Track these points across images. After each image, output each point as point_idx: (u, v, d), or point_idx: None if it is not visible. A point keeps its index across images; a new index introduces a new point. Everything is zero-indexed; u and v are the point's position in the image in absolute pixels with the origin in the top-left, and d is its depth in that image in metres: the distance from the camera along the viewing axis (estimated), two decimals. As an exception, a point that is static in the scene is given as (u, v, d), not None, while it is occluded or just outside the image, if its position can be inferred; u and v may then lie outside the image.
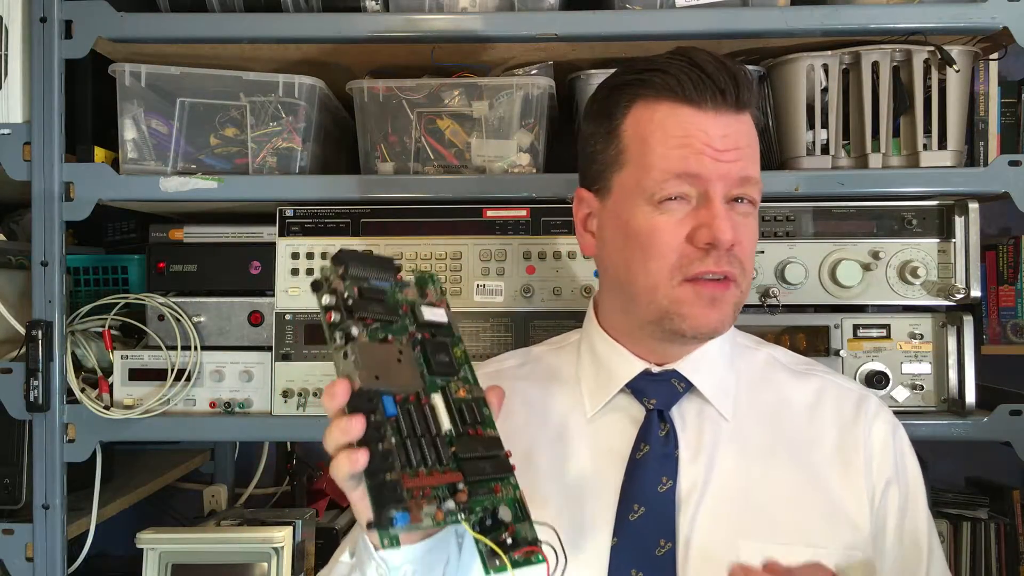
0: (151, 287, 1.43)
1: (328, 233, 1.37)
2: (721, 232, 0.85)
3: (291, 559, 1.47)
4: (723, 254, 0.87)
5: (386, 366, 0.72)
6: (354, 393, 0.69)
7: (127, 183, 1.34)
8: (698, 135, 0.87)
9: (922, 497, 0.97)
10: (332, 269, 0.74)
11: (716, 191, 0.87)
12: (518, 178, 1.34)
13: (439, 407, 0.75)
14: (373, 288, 0.75)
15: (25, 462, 1.35)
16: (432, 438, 0.72)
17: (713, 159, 0.87)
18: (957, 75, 1.31)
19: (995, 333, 1.63)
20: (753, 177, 0.90)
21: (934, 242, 1.33)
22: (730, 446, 0.94)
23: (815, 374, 1.01)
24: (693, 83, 0.87)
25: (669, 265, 0.88)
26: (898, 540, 0.93)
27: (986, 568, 1.66)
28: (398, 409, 0.71)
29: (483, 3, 1.34)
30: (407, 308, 0.78)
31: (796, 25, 1.28)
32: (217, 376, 1.38)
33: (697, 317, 0.88)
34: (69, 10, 1.31)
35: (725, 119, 0.88)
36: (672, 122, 0.88)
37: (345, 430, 0.68)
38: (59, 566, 1.32)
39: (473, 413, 0.76)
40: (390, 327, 0.75)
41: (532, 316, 1.35)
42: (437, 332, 0.79)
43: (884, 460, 0.94)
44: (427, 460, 0.70)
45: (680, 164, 0.87)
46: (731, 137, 0.88)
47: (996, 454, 1.40)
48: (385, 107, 1.36)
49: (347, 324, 0.71)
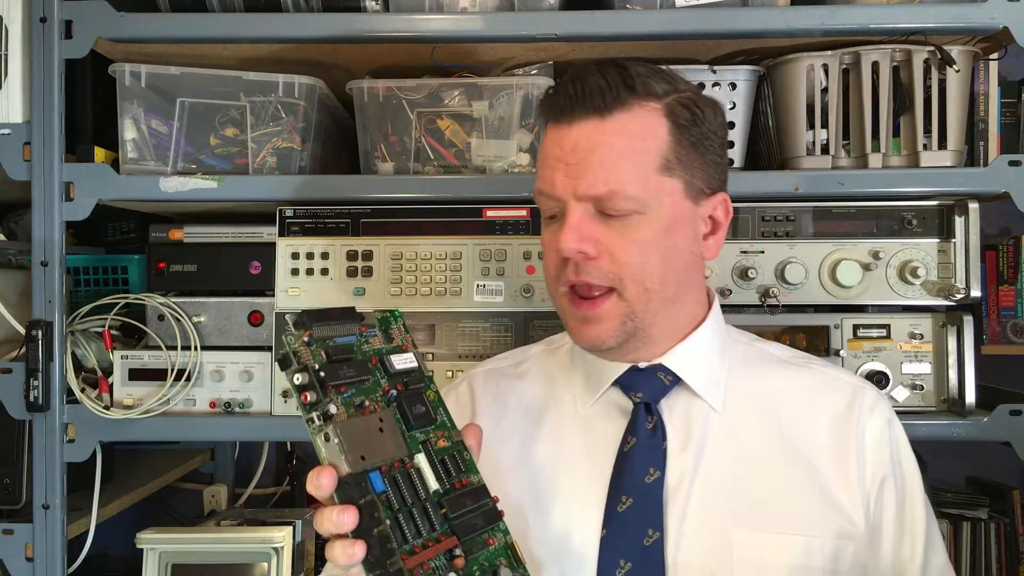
0: (151, 287, 1.43)
1: (328, 233, 1.37)
2: (561, 243, 0.88)
3: (291, 559, 1.47)
4: (582, 264, 0.89)
5: (369, 441, 0.72)
6: (341, 481, 0.70)
7: (127, 183, 1.34)
8: (553, 151, 0.90)
9: (919, 489, 0.96)
10: (296, 336, 0.74)
11: (570, 205, 0.89)
12: (518, 178, 1.34)
13: (424, 468, 0.75)
14: (340, 347, 0.76)
15: (25, 462, 1.35)
16: (422, 504, 0.73)
17: (564, 174, 0.89)
18: (957, 75, 1.31)
19: (995, 333, 1.63)
20: (608, 190, 0.87)
21: (934, 242, 1.33)
22: (720, 437, 0.94)
23: (811, 366, 1.01)
24: (552, 101, 0.91)
25: (551, 275, 0.94)
26: (897, 533, 0.93)
27: (986, 568, 1.66)
28: (386, 483, 0.71)
29: (483, 3, 1.34)
30: (376, 360, 0.78)
31: (796, 25, 1.28)
32: (217, 376, 1.38)
33: (578, 332, 0.93)
34: (69, 10, 1.31)
35: (580, 128, 0.88)
36: (544, 145, 0.93)
37: (338, 524, 0.68)
38: (59, 566, 1.32)
39: (456, 462, 0.77)
40: (363, 387, 0.75)
41: (532, 316, 1.35)
42: (409, 380, 0.79)
43: (879, 456, 0.94)
44: (421, 531, 0.71)
45: (540, 183, 0.93)
46: (581, 146, 0.88)
47: (996, 454, 1.40)
48: (385, 107, 1.36)
49: (324, 403, 0.71)
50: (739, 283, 1.34)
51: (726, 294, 1.33)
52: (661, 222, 0.89)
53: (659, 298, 0.91)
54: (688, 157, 0.90)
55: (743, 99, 1.36)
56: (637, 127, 0.88)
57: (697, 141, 0.91)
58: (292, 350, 0.73)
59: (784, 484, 0.92)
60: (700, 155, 0.91)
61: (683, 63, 1.38)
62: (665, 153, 0.89)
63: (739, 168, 1.38)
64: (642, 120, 0.88)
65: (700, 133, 0.91)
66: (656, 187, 0.88)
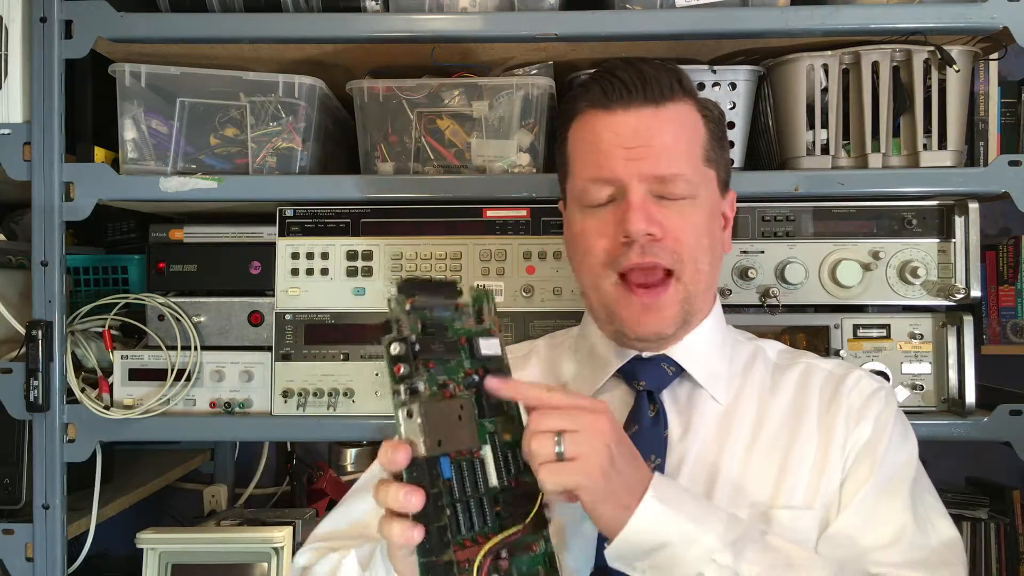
0: (151, 287, 1.43)
1: (328, 233, 1.37)
2: (631, 224, 0.89)
3: (291, 559, 1.47)
4: (648, 245, 0.90)
5: (448, 427, 0.73)
6: (415, 461, 0.70)
7: (127, 183, 1.34)
8: (607, 136, 0.92)
9: (898, 441, 0.95)
10: (399, 303, 0.75)
11: (632, 186, 0.91)
12: (518, 178, 1.34)
13: (488, 460, 0.76)
14: (435, 320, 0.77)
15: (25, 462, 1.35)
16: (480, 498, 0.73)
17: (625, 158, 0.91)
18: (957, 75, 1.31)
19: (995, 333, 1.63)
20: (675, 171, 0.92)
21: (934, 242, 1.33)
22: (720, 426, 0.96)
23: (799, 362, 1.03)
24: (603, 88, 0.93)
25: (600, 262, 0.94)
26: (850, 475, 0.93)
27: (986, 568, 1.66)
28: (452, 470, 0.72)
29: (483, 3, 1.34)
30: (464, 340, 0.79)
31: (796, 25, 1.28)
32: (217, 376, 1.38)
33: (636, 322, 0.93)
34: (69, 10, 1.31)
35: (638, 115, 0.92)
36: (587, 130, 0.95)
37: (403, 504, 0.69)
38: (59, 566, 1.32)
39: (516, 459, 0.78)
40: (448, 366, 0.76)
41: (532, 316, 1.35)
42: (491, 366, 0.80)
43: (862, 418, 0.95)
44: (475, 525, 0.72)
45: (594, 171, 0.94)
46: (643, 131, 0.91)
47: (996, 454, 1.40)
48: (385, 107, 1.36)
49: (414, 379, 0.72)
50: (739, 283, 1.34)
51: (726, 294, 1.33)
52: (706, 209, 0.95)
53: (706, 281, 0.95)
54: (716, 152, 0.97)
55: (743, 99, 1.36)
56: (687, 119, 0.94)
57: (721, 137, 0.99)
58: (394, 317, 0.74)
59: (778, 472, 0.93)
60: (723, 151, 0.99)
61: (683, 63, 1.37)
62: (705, 145, 0.96)
63: (739, 168, 1.38)
64: (687, 113, 0.95)
65: (722, 131, 0.99)
66: (703, 175, 0.95)
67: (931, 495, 0.96)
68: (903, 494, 0.92)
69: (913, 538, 0.89)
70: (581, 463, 0.74)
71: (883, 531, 0.89)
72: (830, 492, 0.92)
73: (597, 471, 0.74)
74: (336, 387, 1.35)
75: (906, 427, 0.99)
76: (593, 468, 0.74)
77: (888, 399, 0.98)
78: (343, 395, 1.35)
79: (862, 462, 0.92)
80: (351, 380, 1.35)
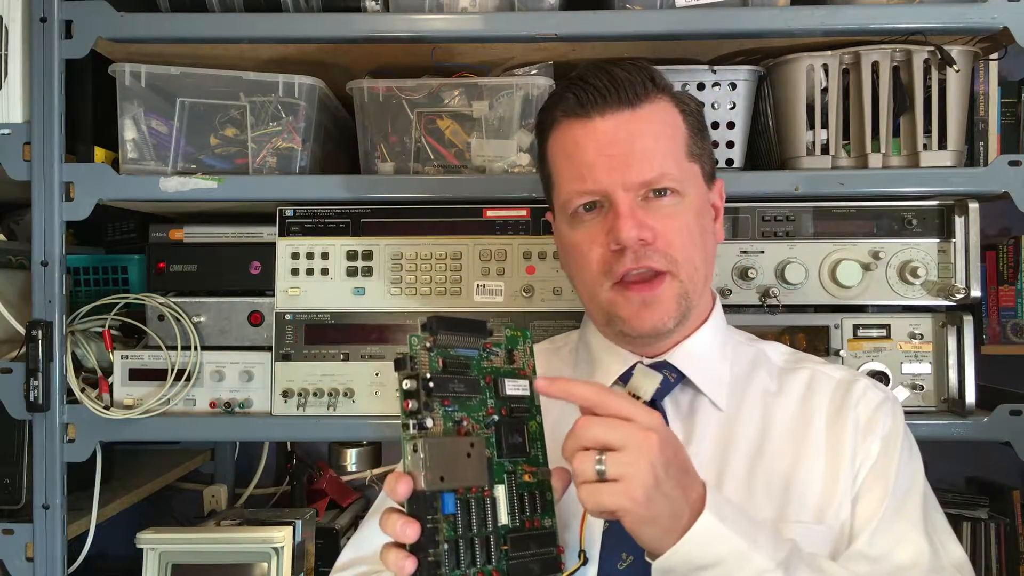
0: (151, 287, 1.43)
1: (328, 233, 1.37)
2: (622, 232, 0.89)
3: (291, 559, 1.47)
4: (640, 250, 0.90)
5: (453, 463, 0.73)
6: (415, 494, 0.70)
7: (127, 183, 1.34)
8: (588, 145, 0.92)
9: (907, 459, 0.95)
10: (419, 339, 0.74)
11: (618, 195, 0.91)
12: (518, 178, 1.34)
13: (500, 499, 0.76)
14: (458, 359, 0.77)
15: (25, 462, 1.35)
16: (486, 535, 0.73)
17: (607, 166, 0.90)
18: (957, 75, 1.31)
19: (995, 333, 1.63)
20: (658, 173, 0.91)
21: (934, 242, 1.33)
22: (723, 434, 0.96)
23: (804, 366, 1.02)
24: (576, 96, 0.92)
25: (595, 272, 0.93)
26: (876, 486, 0.93)
27: (986, 568, 1.66)
28: (457, 506, 0.72)
29: (483, 3, 1.34)
30: (490, 379, 0.79)
31: (796, 25, 1.28)
32: (217, 376, 1.38)
33: (634, 319, 0.92)
34: (69, 10, 1.31)
35: (615, 119, 0.91)
36: (568, 141, 0.94)
37: (398, 535, 0.70)
38: (59, 566, 1.32)
39: (534, 501, 0.78)
40: (467, 404, 0.76)
41: (532, 316, 1.35)
42: (516, 407, 0.80)
43: (869, 436, 0.94)
44: (476, 562, 0.72)
45: (578, 183, 0.93)
46: (622, 136, 0.91)
47: (996, 454, 1.40)
48: (385, 107, 1.36)
49: (422, 415, 0.72)
50: (739, 283, 1.34)
51: (726, 294, 1.33)
52: (695, 204, 0.94)
53: (702, 277, 0.95)
54: (698, 145, 0.96)
55: (743, 99, 1.36)
56: (664, 116, 0.93)
57: (702, 129, 0.98)
58: (412, 353, 0.74)
59: (783, 478, 0.93)
60: (704, 142, 0.98)
61: (683, 63, 1.38)
62: (686, 140, 0.95)
63: (739, 168, 1.38)
64: (665, 111, 0.94)
65: (700, 123, 0.98)
66: (688, 171, 0.94)
67: (938, 512, 0.97)
68: (916, 516, 0.92)
69: (930, 561, 0.89)
70: (624, 485, 0.71)
71: (901, 555, 0.90)
72: (842, 509, 0.91)
73: (640, 494, 0.71)
74: (336, 387, 1.35)
75: (912, 440, 0.98)
76: (636, 491, 0.71)
77: (895, 411, 0.98)
78: (343, 395, 1.35)
79: (875, 482, 0.92)
80: (351, 380, 1.35)
